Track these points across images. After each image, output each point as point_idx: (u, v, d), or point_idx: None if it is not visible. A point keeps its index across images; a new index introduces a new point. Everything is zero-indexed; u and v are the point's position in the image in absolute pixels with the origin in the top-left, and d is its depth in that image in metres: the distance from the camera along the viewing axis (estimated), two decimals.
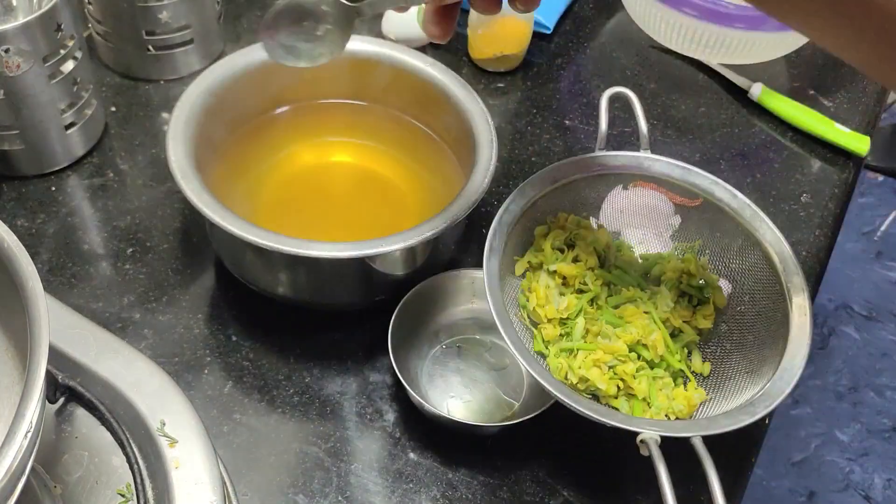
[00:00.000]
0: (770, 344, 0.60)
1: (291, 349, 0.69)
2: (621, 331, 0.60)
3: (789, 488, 1.63)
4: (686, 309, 0.64)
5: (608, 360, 0.59)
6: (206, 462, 0.51)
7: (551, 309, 0.61)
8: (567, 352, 0.60)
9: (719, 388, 0.61)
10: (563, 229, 0.65)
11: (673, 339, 0.62)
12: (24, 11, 0.80)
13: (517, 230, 0.62)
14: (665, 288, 0.64)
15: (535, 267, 0.64)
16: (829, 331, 1.89)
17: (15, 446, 0.37)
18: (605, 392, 0.59)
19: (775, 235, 0.63)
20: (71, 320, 0.57)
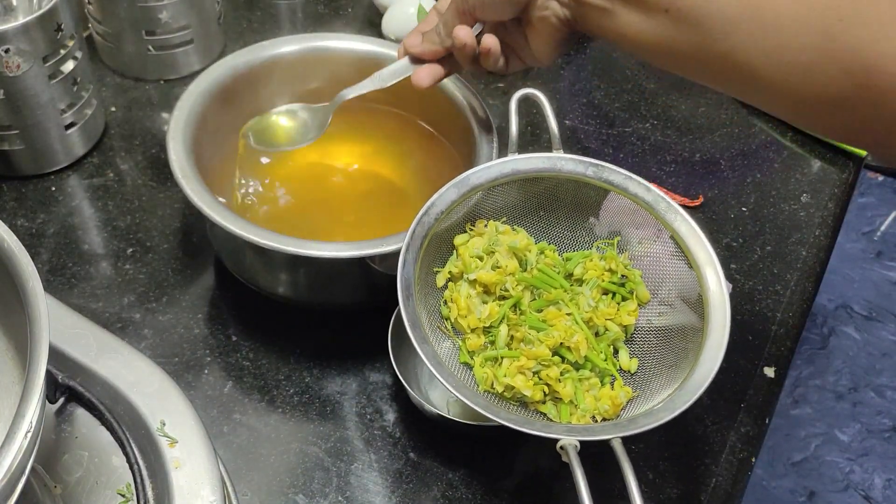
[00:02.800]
0: (691, 336, 0.60)
1: (291, 349, 0.69)
2: (544, 335, 0.60)
3: (789, 488, 1.63)
4: (610, 307, 0.63)
5: (532, 365, 0.59)
6: (206, 462, 0.51)
7: (473, 318, 0.61)
8: (492, 360, 0.60)
9: (646, 384, 0.60)
10: (481, 236, 0.64)
11: (598, 337, 0.62)
12: (24, 11, 0.80)
13: (436, 241, 0.62)
14: (587, 287, 0.63)
15: (457, 277, 0.63)
16: (829, 331, 1.89)
17: (15, 446, 0.37)
18: (531, 398, 0.58)
19: (690, 227, 0.62)
20: (71, 320, 0.57)
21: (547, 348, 0.59)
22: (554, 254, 0.65)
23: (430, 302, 0.62)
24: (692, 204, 0.83)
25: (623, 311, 0.63)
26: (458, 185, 0.62)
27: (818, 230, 0.82)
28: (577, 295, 0.63)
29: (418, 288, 0.59)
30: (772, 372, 0.70)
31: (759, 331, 0.73)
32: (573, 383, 0.59)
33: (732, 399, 0.68)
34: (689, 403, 0.54)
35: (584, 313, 0.61)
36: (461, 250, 0.63)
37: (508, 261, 0.62)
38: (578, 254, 0.66)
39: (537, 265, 0.63)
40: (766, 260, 0.79)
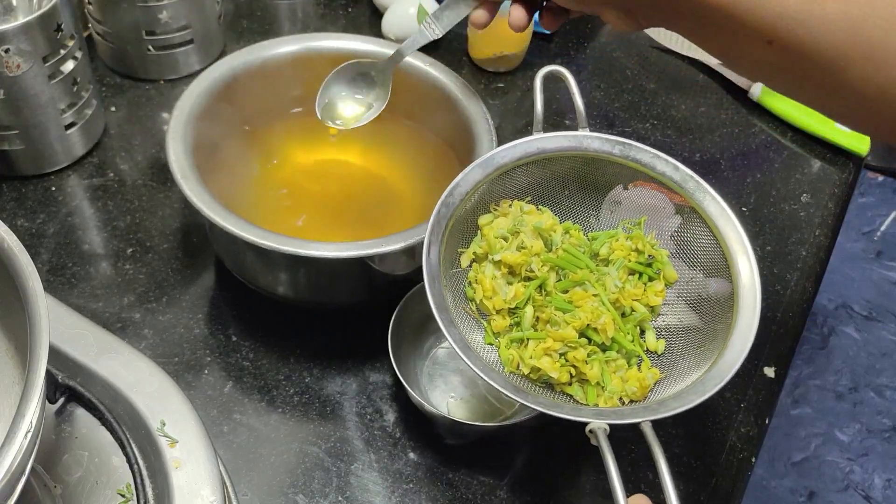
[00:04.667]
0: (720, 318, 0.59)
1: (291, 349, 0.69)
2: (570, 316, 0.59)
3: (789, 488, 1.63)
4: (636, 287, 0.62)
5: (558, 347, 0.58)
6: (206, 462, 0.51)
7: (499, 300, 0.60)
8: (517, 342, 0.59)
9: (673, 366, 0.60)
10: (506, 216, 0.63)
11: (624, 318, 0.61)
12: (24, 11, 0.80)
13: (460, 222, 0.61)
14: (613, 268, 0.62)
15: (481, 257, 0.62)
16: (829, 331, 1.89)
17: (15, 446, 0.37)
18: (557, 380, 0.57)
19: (719, 206, 0.61)
20: (71, 320, 0.57)
21: (573, 329, 0.58)
22: (579, 234, 0.64)
23: (455, 284, 0.61)
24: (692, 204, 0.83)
25: (650, 291, 0.62)
26: (483, 164, 0.61)
27: (818, 230, 0.82)
28: (603, 276, 0.62)
29: (443, 269, 0.58)
30: (772, 372, 0.70)
31: (760, 331, 0.73)
32: (600, 365, 0.58)
33: (732, 399, 0.68)
34: (720, 386, 0.53)
35: (610, 294, 0.61)
36: (485, 231, 0.62)
37: (534, 241, 0.62)
38: (604, 234, 0.65)
39: (562, 245, 0.62)
40: (766, 260, 0.79)
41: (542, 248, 0.62)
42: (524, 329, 0.59)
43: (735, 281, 0.59)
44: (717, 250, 0.61)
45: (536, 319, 0.60)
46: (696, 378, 0.56)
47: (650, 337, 0.62)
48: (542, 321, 0.59)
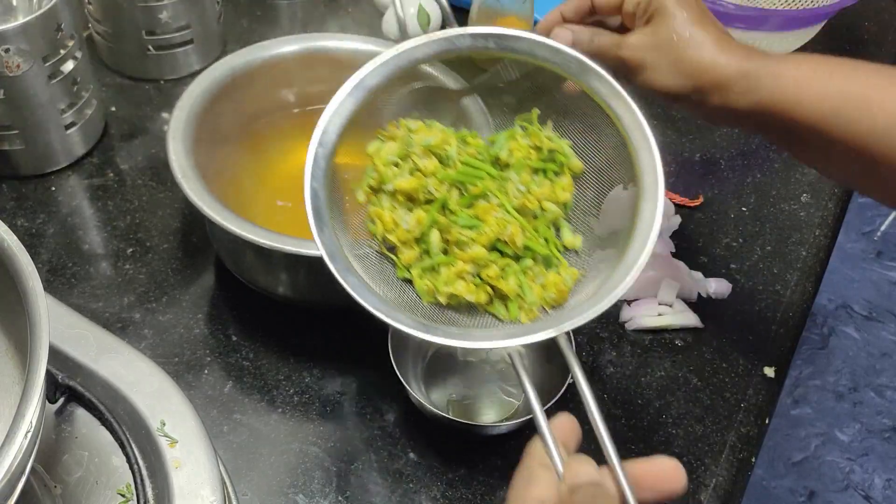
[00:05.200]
0: (628, 205, 0.57)
1: (291, 349, 0.69)
2: (476, 233, 0.55)
3: (789, 488, 1.63)
4: (543, 186, 0.59)
5: (470, 268, 0.55)
6: (206, 462, 0.51)
7: (401, 231, 0.56)
8: (430, 270, 0.56)
9: (593, 263, 0.57)
10: (395, 140, 0.59)
11: (536, 220, 0.58)
12: (24, 11, 0.80)
13: (344, 157, 0.57)
14: (513, 172, 0.58)
15: (377, 189, 0.58)
16: (829, 331, 1.89)
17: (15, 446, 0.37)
18: (476, 302, 0.55)
19: (610, 86, 0.57)
20: (71, 320, 0.57)
21: (481, 247, 0.55)
22: (477, 140, 0.60)
23: (356, 223, 0.57)
24: (692, 204, 0.83)
25: (558, 187, 0.59)
26: (353, 92, 0.56)
27: (818, 230, 0.82)
28: (505, 182, 0.58)
29: (333, 215, 0.55)
30: (772, 372, 0.70)
31: (759, 331, 0.73)
32: (516, 277, 0.55)
33: (732, 399, 0.68)
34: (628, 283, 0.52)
35: (514, 201, 0.57)
36: (375, 160, 0.58)
37: (426, 161, 0.57)
38: (502, 134, 0.60)
39: (460, 158, 0.58)
40: (766, 260, 0.79)
41: (436, 166, 0.58)
42: (433, 256, 0.56)
43: (635, 162, 0.56)
44: (615, 132, 0.57)
45: (446, 243, 0.56)
46: (604, 276, 0.54)
47: (566, 234, 0.59)
48: (451, 244, 0.56)
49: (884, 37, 1.05)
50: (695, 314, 0.73)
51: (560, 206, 0.59)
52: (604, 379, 0.69)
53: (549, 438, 0.42)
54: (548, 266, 0.57)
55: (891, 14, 1.08)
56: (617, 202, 0.59)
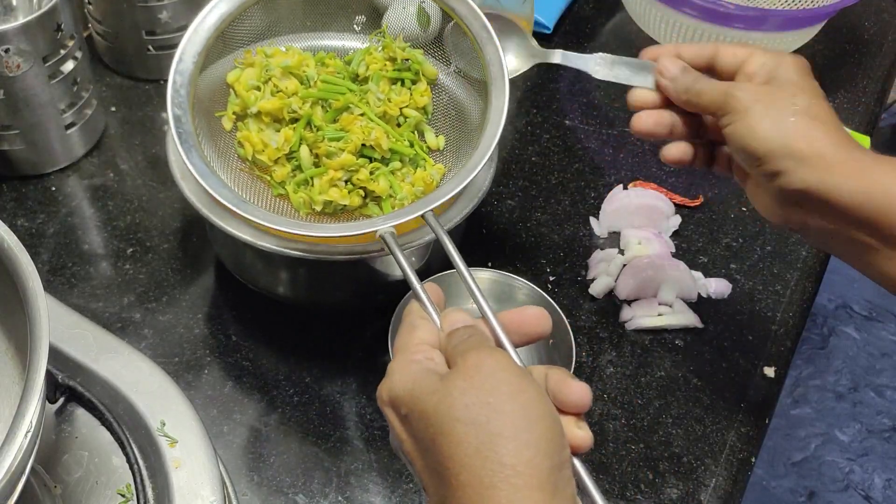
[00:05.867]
0: (482, 95, 0.60)
1: (291, 349, 0.69)
2: (343, 142, 0.59)
3: (789, 488, 1.63)
4: (402, 95, 0.62)
5: (342, 175, 0.58)
6: (206, 462, 0.51)
7: (271, 150, 0.59)
8: (304, 183, 0.59)
9: (457, 157, 0.61)
10: (253, 66, 0.62)
11: (401, 127, 0.61)
12: (24, 11, 0.80)
13: (207, 88, 0.60)
14: (373, 83, 0.62)
15: (242, 116, 0.61)
16: (829, 331, 1.89)
17: (15, 446, 0.37)
18: (351, 206, 0.58)
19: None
20: (71, 320, 0.57)
21: (350, 154, 0.58)
22: (335, 60, 0.64)
23: (224, 148, 0.60)
24: (692, 204, 0.83)
25: (416, 93, 0.63)
26: (199, 25, 0.60)
27: None
28: (366, 94, 0.62)
29: (203, 141, 0.57)
30: (772, 372, 0.70)
31: (759, 331, 0.73)
32: (385, 177, 0.59)
33: (732, 399, 0.68)
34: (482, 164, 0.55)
35: (376, 109, 0.61)
36: (236, 87, 0.61)
37: (287, 82, 0.61)
38: (358, 52, 0.64)
39: (319, 77, 0.62)
40: (766, 260, 0.79)
41: (297, 86, 0.61)
42: (305, 169, 0.59)
43: (482, 60, 0.60)
44: (462, 34, 0.61)
45: (316, 157, 0.59)
46: (465, 164, 0.57)
47: (429, 137, 0.63)
48: (321, 157, 0.59)
49: (884, 37, 1.05)
50: (695, 314, 0.73)
51: (420, 111, 0.62)
52: (604, 379, 0.69)
53: (424, 297, 0.47)
54: (415, 167, 0.61)
55: (891, 14, 1.08)
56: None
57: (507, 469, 0.37)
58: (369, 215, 0.59)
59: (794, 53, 0.55)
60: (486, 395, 0.39)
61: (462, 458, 0.38)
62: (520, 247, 0.78)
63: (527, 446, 0.37)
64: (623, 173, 0.86)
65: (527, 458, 0.37)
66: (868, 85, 0.98)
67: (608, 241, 0.80)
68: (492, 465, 0.37)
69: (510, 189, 0.82)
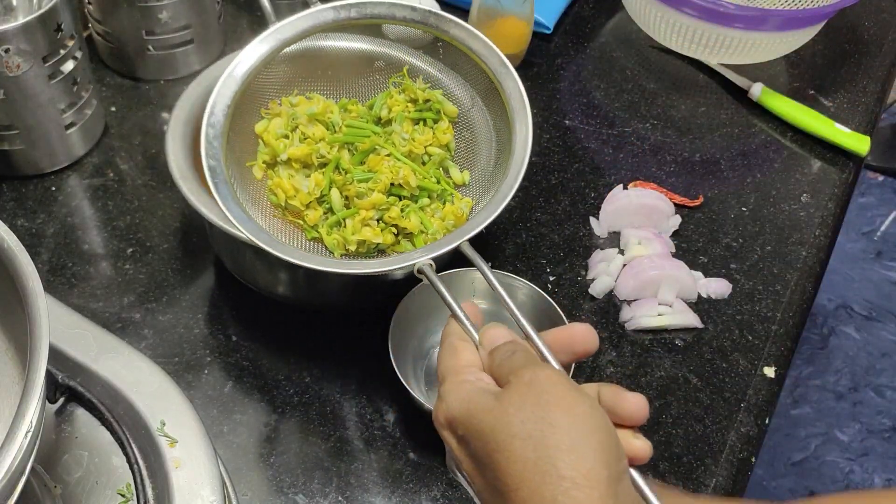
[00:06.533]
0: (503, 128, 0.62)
1: (291, 349, 0.69)
2: (373, 183, 0.60)
3: (789, 488, 1.63)
4: (424, 134, 0.64)
5: (373, 214, 0.60)
6: (206, 462, 0.51)
7: (303, 195, 0.61)
8: (336, 225, 0.60)
9: (484, 189, 0.62)
10: (279, 116, 0.64)
11: (426, 166, 0.63)
12: (24, 11, 0.80)
13: (237, 139, 0.61)
14: (397, 124, 0.64)
15: (272, 164, 0.63)
16: (829, 331, 1.89)
17: (15, 446, 0.37)
18: (385, 244, 0.59)
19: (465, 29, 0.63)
20: (71, 320, 0.57)
21: (380, 193, 0.60)
22: (357, 106, 0.65)
23: (257, 198, 0.61)
24: (692, 204, 0.83)
25: (438, 131, 0.64)
26: (228, 78, 0.61)
27: (818, 230, 0.82)
28: (390, 135, 0.63)
29: (237, 190, 0.59)
30: (772, 372, 0.70)
31: (759, 331, 0.73)
32: (416, 214, 0.60)
33: (732, 399, 0.68)
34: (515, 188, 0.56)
35: (401, 149, 0.62)
36: (265, 136, 0.63)
37: (314, 129, 0.63)
38: (379, 97, 0.66)
39: (344, 122, 0.63)
40: (766, 260, 0.79)
41: (324, 132, 0.63)
42: (337, 211, 0.60)
43: (503, 95, 0.62)
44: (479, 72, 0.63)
45: (346, 199, 0.61)
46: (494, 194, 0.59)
47: (454, 173, 0.64)
48: (351, 199, 0.61)
49: (884, 37, 1.05)
50: (695, 314, 0.73)
51: (443, 149, 0.64)
52: (604, 379, 0.69)
53: (462, 315, 0.46)
54: (443, 203, 0.62)
55: (891, 14, 1.08)
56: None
57: (566, 482, 0.37)
58: (402, 251, 0.60)
59: None
60: (542, 410, 0.39)
61: (521, 473, 0.38)
62: (520, 247, 0.78)
63: (584, 458, 0.37)
64: (623, 173, 0.86)
65: (585, 469, 0.37)
66: (868, 85, 0.98)
67: (608, 241, 0.80)
68: (551, 478, 0.37)
69: None
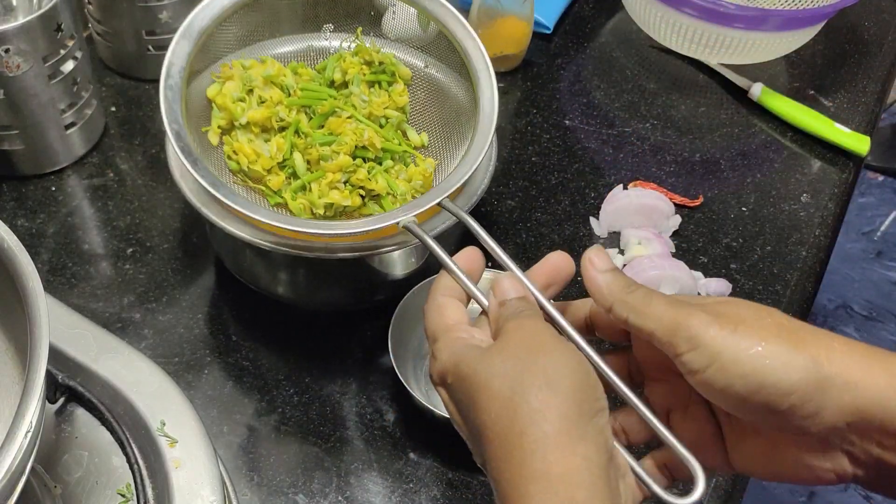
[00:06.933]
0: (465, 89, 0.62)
1: (291, 349, 0.69)
2: (337, 145, 0.59)
3: (789, 488, 1.63)
4: (381, 96, 0.63)
5: (339, 177, 0.59)
6: (206, 462, 0.51)
7: (264, 159, 0.59)
8: (301, 189, 0.59)
9: (444, 150, 0.62)
10: (232, 79, 0.62)
11: (384, 129, 0.62)
12: (24, 11, 0.80)
13: (193, 104, 0.60)
14: (354, 86, 0.63)
15: (228, 129, 0.62)
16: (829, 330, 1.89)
17: (15, 446, 0.37)
18: (353, 206, 0.59)
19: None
20: (71, 320, 0.57)
21: (346, 155, 0.59)
22: (307, 69, 0.64)
23: (216, 163, 0.60)
24: (692, 204, 0.83)
25: (394, 94, 0.64)
26: (185, 34, 0.60)
27: (818, 230, 0.82)
28: (348, 97, 0.62)
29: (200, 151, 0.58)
30: None
31: None
32: (383, 176, 0.60)
33: None
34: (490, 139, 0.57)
35: (362, 111, 0.62)
36: (219, 100, 0.61)
37: (271, 92, 0.61)
38: (330, 59, 0.65)
39: (299, 85, 0.62)
40: (766, 260, 0.79)
41: (281, 95, 0.62)
42: (301, 175, 0.59)
43: (465, 56, 0.61)
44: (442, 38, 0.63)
45: (308, 163, 0.60)
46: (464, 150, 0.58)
47: (412, 135, 0.64)
48: (314, 162, 0.60)
49: (884, 37, 1.05)
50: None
51: (399, 111, 0.63)
52: None
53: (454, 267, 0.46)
54: (405, 164, 0.62)
55: (891, 14, 1.08)
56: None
57: (535, 414, 0.38)
58: (370, 214, 0.59)
59: None
60: (523, 352, 0.40)
61: (497, 410, 0.39)
62: (520, 247, 0.78)
63: (555, 394, 0.38)
64: (623, 173, 0.86)
65: (555, 404, 0.38)
66: (868, 85, 0.98)
67: (608, 241, 0.80)
68: (522, 412, 0.38)
69: (510, 189, 0.82)
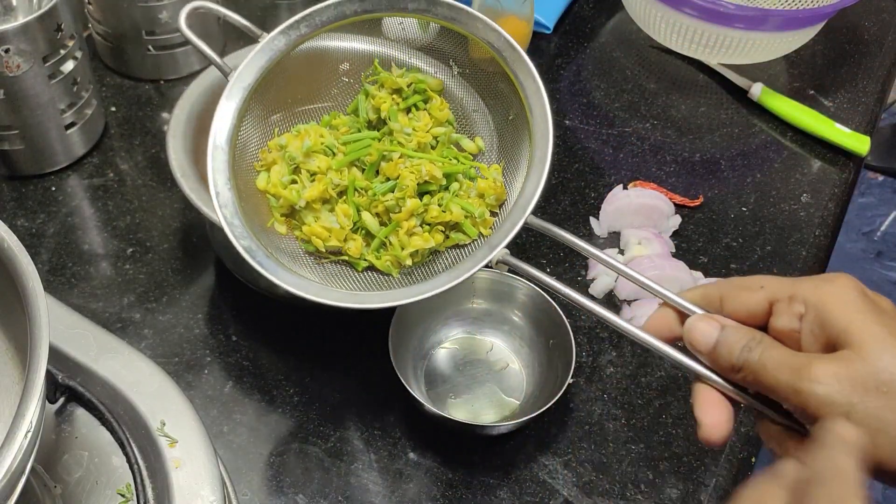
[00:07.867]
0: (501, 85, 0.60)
1: (291, 349, 0.69)
2: (399, 191, 0.57)
3: None
4: (421, 119, 0.61)
5: (414, 223, 0.57)
6: (206, 462, 0.51)
7: (336, 231, 0.58)
8: (381, 246, 0.58)
9: (505, 148, 0.59)
10: (276, 163, 0.61)
11: (436, 149, 0.60)
12: (24, 11, 0.80)
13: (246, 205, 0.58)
14: (393, 122, 0.61)
15: (290, 213, 0.60)
16: None
17: (15, 446, 0.37)
18: (438, 245, 0.57)
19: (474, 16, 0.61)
20: (71, 320, 0.57)
21: (409, 199, 0.57)
22: (341, 117, 0.63)
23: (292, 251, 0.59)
24: (692, 204, 0.83)
25: (433, 111, 0.61)
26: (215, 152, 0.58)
27: (818, 230, 0.82)
28: (392, 135, 0.60)
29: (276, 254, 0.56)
30: None
31: None
32: (455, 202, 0.57)
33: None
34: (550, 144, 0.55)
35: (410, 145, 0.59)
36: (272, 190, 0.59)
37: (317, 162, 0.59)
38: (359, 97, 0.63)
39: (339, 141, 0.60)
40: (766, 260, 0.79)
41: (327, 160, 0.60)
42: (376, 233, 0.57)
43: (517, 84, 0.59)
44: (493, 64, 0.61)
45: (377, 215, 0.58)
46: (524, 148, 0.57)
47: (466, 143, 0.61)
48: (383, 214, 0.58)
49: (884, 37, 1.05)
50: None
51: (446, 125, 0.61)
52: (604, 379, 0.69)
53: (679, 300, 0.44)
54: (472, 178, 0.59)
55: (891, 14, 1.08)
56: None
57: None
58: (458, 242, 0.57)
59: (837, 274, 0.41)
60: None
61: None
62: (520, 247, 0.78)
63: None
64: (623, 173, 0.86)
65: None
66: (868, 85, 0.98)
67: (608, 241, 0.80)
68: None
69: None
